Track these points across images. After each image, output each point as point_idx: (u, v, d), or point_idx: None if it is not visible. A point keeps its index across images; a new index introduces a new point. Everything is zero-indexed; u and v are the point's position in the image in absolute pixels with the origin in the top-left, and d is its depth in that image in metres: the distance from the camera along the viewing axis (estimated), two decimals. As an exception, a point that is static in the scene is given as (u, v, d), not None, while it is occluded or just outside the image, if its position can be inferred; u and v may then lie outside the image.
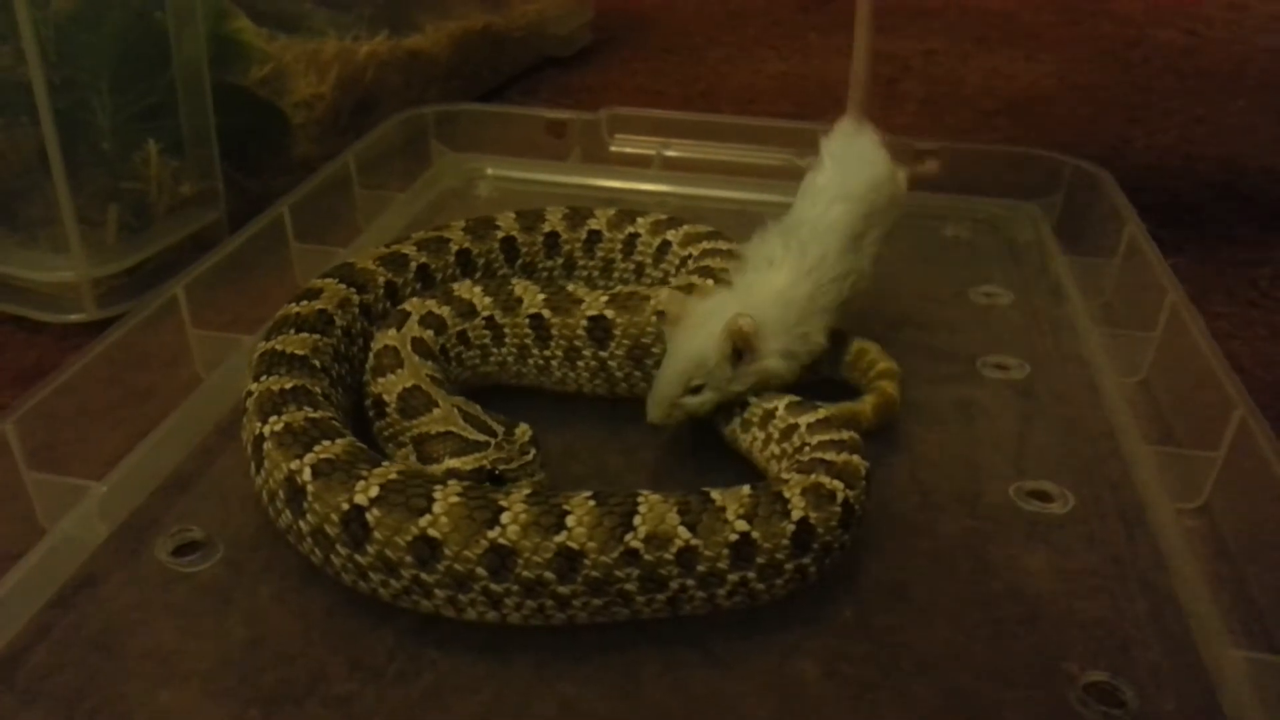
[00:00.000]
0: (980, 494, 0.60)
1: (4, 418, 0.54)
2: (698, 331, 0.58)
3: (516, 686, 0.47)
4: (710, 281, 0.66)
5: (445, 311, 0.63)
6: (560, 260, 0.77)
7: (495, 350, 0.64)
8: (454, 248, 0.73)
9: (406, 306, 0.63)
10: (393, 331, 0.61)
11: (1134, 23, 1.62)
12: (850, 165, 0.68)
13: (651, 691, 0.47)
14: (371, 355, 0.60)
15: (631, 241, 0.76)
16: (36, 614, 0.50)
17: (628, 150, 1.01)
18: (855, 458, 0.53)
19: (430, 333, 0.62)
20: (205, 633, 0.49)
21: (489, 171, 0.98)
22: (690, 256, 0.72)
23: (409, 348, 0.60)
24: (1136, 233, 0.79)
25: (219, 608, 0.51)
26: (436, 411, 0.56)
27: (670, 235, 0.75)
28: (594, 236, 0.77)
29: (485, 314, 0.64)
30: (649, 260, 0.76)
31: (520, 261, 0.76)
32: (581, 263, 0.77)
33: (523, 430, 0.56)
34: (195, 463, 0.61)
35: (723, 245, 0.72)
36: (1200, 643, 0.49)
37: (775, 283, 0.62)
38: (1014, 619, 0.52)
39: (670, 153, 1.00)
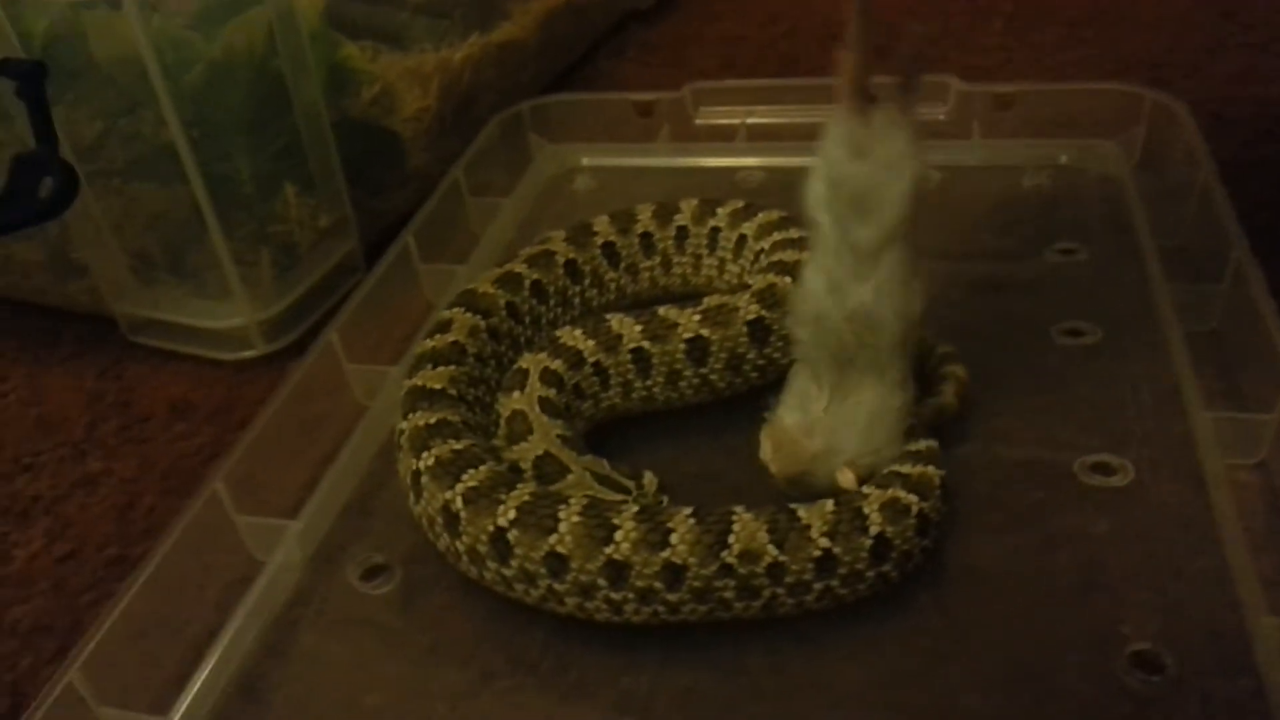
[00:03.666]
0: (1047, 466, 0.66)
1: (214, 473, 0.66)
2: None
3: (646, 675, 0.57)
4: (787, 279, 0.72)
5: (559, 365, 0.70)
6: (658, 259, 0.84)
7: (604, 394, 0.72)
8: (560, 260, 0.81)
9: (523, 364, 0.71)
10: (517, 394, 0.68)
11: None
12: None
13: (756, 676, 0.56)
14: (502, 422, 0.67)
15: (714, 236, 0.83)
16: (261, 633, 0.63)
17: (715, 123, 1.07)
18: (930, 469, 0.60)
19: (554, 391, 0.68)
20: (395, 643, 0.61)
21: (584, 161, 1.05)
22: (762, 251, 0.79)
23: (537, 409, 0.66)
24: (1209, 179, 0.81)
25: (402, 620, 0.62)
26: (570, 477, 0.62)
27: (746, 228, 0.82)
28: (682, 232, 0.84)
29: (592, 359, 0.71)
30: (729, 255, 0.83)
31: (623, 265, 0.84)
32: (676, 259, 0.84)
33: (650, 480, 0.64)
34: (366, 487, 0.72)
35: (794, 234, 0.78)
36: (1246, 609, 0.55)
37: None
38: (1075, 588, 0.58)
39: (754, 120, 1.05)
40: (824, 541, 0.56)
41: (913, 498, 0.58)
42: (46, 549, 0.73)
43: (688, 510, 0.57)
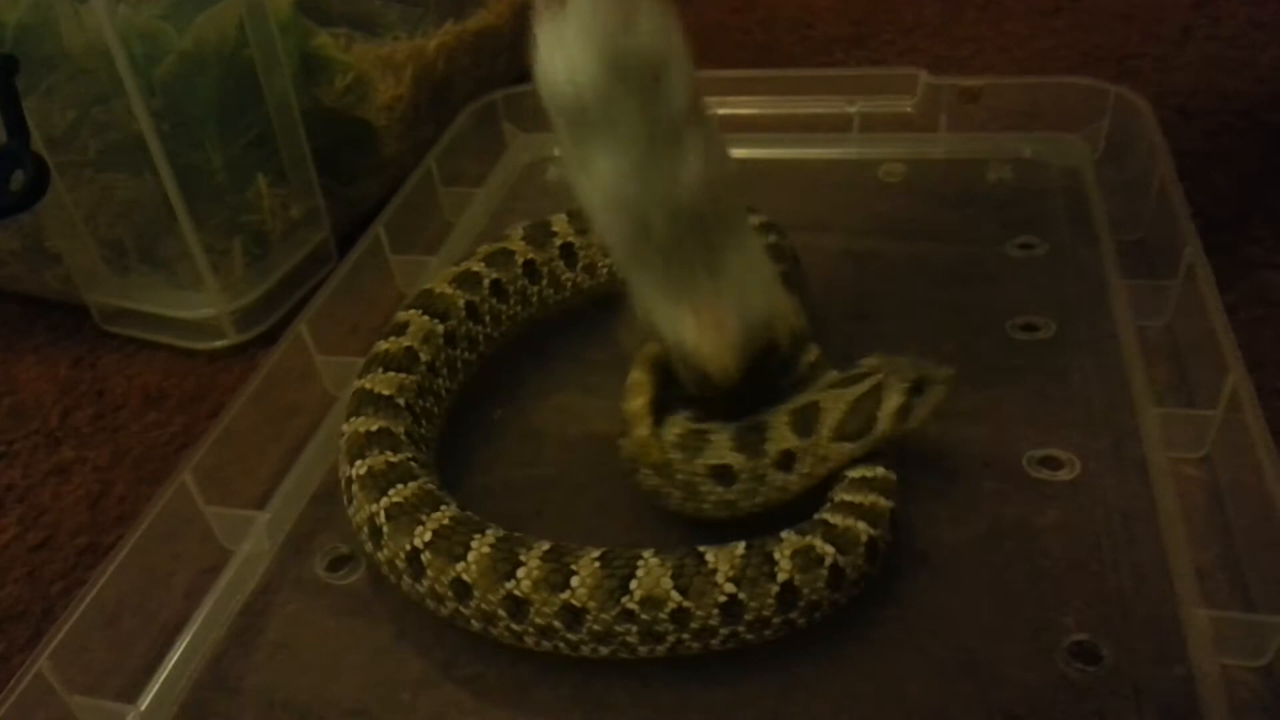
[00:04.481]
0: (997, 458, 0.67)
1: (183, 464, 0.67)
2: None
3: (600, 674, 0.58)
4: None
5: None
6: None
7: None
8: (519, 260, 0.81)
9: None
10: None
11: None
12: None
13: (710, 657, 0.57)
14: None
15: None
16: (231, 620, 0.64)
17: (685, 112, 1.07)
18: (859, 524, 0.58)
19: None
20: (359, 632, 0.62)
21: (556, 151, 1.06)
22: None
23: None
24: (1166, 175, 0.82)
25: (367, 610, 0.64)
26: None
27: None
28: (637, 230, 0.85)
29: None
30: None
31: (581, 264, 0.84)
32: (637, 256, 0.85)
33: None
34: (334, 477, 0.72)
35: (754, 220, 0.79)
36: (1180, 601, 0.57)
37: None
38: (1022, 579, 0.60)
39: (725, 110, 1.06)
40: (729, 587, 0.54)
41: (829, 548, 0.57)
42: (20, 537, 0.74)
43: (595, 553, 0.57)
